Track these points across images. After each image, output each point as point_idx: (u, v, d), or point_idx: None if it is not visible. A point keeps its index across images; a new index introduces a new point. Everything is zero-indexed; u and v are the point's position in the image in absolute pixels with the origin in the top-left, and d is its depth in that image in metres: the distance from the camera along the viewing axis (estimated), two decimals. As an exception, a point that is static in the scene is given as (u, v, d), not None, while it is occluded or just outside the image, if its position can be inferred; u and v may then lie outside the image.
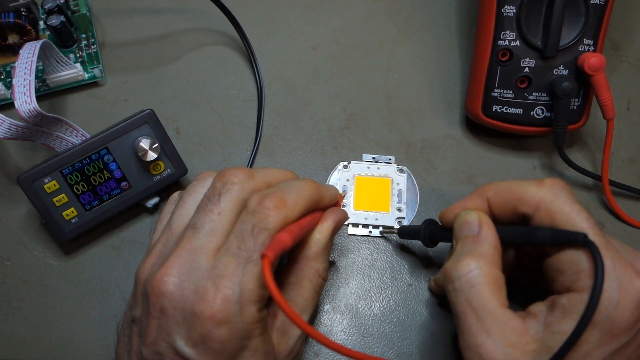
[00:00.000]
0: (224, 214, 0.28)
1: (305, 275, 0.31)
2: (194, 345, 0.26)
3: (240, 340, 0.26)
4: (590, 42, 0.37)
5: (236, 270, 0.26)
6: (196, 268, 0.27)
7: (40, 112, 0.34)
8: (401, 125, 0.42)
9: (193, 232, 0.28)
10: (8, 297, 0.37)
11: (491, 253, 0.29)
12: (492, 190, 0.31)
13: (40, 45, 0.36)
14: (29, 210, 0.39)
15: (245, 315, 0.26)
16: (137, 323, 0.29)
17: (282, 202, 0.28)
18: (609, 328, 0.26)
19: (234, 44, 0.44)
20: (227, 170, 0.29)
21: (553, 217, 0.28)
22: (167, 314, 0.27)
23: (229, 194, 0.28)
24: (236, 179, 0.29)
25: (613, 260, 0.27)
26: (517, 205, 0.30)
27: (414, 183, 0.40)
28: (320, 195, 0.31)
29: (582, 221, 0.28)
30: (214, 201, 0.28)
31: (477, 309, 0.28)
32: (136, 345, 0.28)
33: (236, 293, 0.26)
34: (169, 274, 0.27)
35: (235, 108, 0.42)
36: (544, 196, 0.29)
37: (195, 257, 0.27)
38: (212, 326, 0.26)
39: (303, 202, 0.29)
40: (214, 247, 0.27)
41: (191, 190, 0.31)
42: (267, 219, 0.27)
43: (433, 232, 0.34)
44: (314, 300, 0.31)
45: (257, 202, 0.27)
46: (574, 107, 0.38)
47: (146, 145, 0.36)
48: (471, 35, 0.44)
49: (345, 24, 0.45)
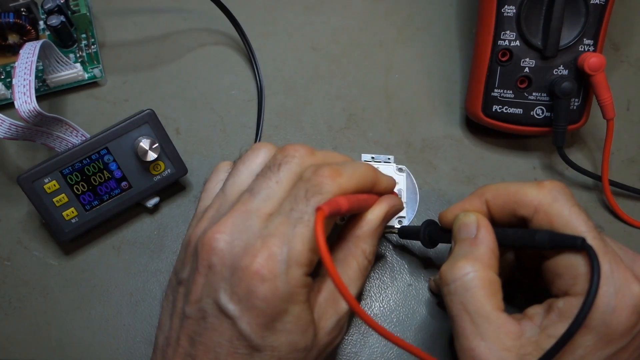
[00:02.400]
0: (282, 183, 0.28)
1: (352, 253, 0.31)
2: (238, 302, 0.26)
3: (283, 302, 0.26)
4: (590, 42, 0.37)
5: (286, 230, 0.26)
6: (248, 228, 0.27)
7: (40, 112, 0.34)
8: (401, 125, 0.42)
9: (249, 195, 0.28)
10: (8, 297, 0.37)
11: (487, 256, 0.29)
12: (490, 192, 0.31)
13: (40, 45, 0.36)
14: (29, 210, 0.39)
15: (290, 276, 0.26)
16: (183, 284, 0.29)
17: (337, 172, 0.28)
18: (605, 332, 0.26)
19: (234, 44, 0.44)
20: (289, 145, 0.30)
21: (552, 221, 0.28)
22: (215, 270, 0.27)
23: (289, 166, 0.29)
24: (297, 153, 0.29)
25: (611, 265, 0.27)
26: (516, 207, 0.30)
27: (414, 182, 0.40)
28: (377, 179, 0.31)
29: (580, 225, 0.28)
30: (274, 170, 0.29)
31: (471, 312, 0.28)
32: (180, 306, 0.29)
33: (284, 252, 0.26)
34: (222, 231, 0.27)
35: (235, 108, 0.42)
36: (542, 199, 0.29)
37: (248, 218, 0.27)
38: (257, 281, 0.26)
39: (358, 177, 0.29)
40: (268, 211, 0.28)
41: (245, 159, 0.31)
42: (321, 185, 0.27)
43: (433, 233, 0.34)
44: (358, 281, 0.31)
45: (313, 172, 0.28)
46: (574, 107, 0.38)
47: (146, 145, 0.36)
48: (471, 35, 0.44)
49: (345, 24, 0.45)
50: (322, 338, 0.29)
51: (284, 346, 0.27)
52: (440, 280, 0.30)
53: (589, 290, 0.25)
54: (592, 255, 0.26)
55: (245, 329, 0.26)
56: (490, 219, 0.31)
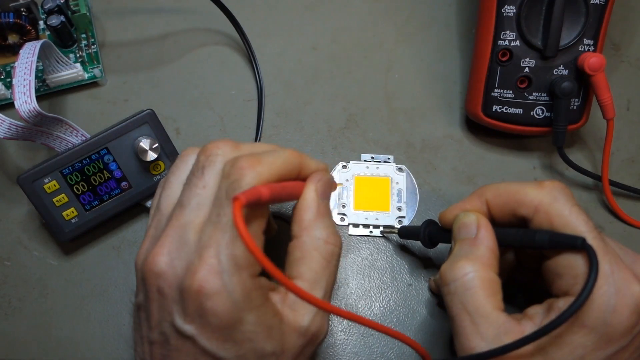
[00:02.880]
0: (209, 186, 0.27)
1: (310, 246, 0.29)
2: (192, 321, 0.26)
3: (235, 312, 0.25)
4: (590, 42, 0.37)
5: (219, 238, 0.25)
6: (185, 244, 0.26)
7: (40, 112, 0.34)
8: (401, 125, 0.42)
9: (180, 209, 0.27)
10: (8, 297, 0.37)
11: (487, 256, 0.29)
12: (491, 192, 0.31)
13: (40, 45, 0.36)
14: (29, 210, 0.39)
15: (234, 284, 0.25)
16: (142, 309, 0.29)
17: (256, 161, 0.27)
18: (605, 332, 0.26)
19: (234, 44, 0.44)
20: (210, 143, 0.29)
21: (552, 220, 0.28)
22: (164, 293, 0.26)
23: (212, 166, 0.28)
24: (219, 150, 0.28)
25: (611, 265, 0.27)
26: (516, 207, 0.30)
27: (414, 182, 0.40)
28: (302, 163, 0.29)
29: (580, 225, 0.28)
30: (198, 175, 0.28)
31: (471, 312, 0.28)
32: (145, 331, 0.28)
33: (222, 261, 0.25)
34: (160, 253, 0.27)
35: (235, 108, 0.42)
36: (543, 199, 0.29)
37: (184, 233, 0.27)
38: (203, 299, 0.25)
39: (280, 163, 0.28)
40: (202, 221, 0.27)
41: (174, 169, 0.30)
42: (241, 178, 0.26)
43: (433, 233, 0.34)
44: (326, 271, 0.29)
45: (231, 165, 0.27)
46: (574, 107, 0.38)
47: (146, 145, 0.36)
48: (471, 35, 0.44)
49: (345, 24, 0.45)
50: (295, 341, 0.28)
51: (250, 353, 0.26)
52: (440, 280, 0.30)
53: (585, 286, 0.25)
54: (592, 254, 0.26)
55: (207, 346, 0.26)
56: (490, 219, 0.31)
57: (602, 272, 0.26)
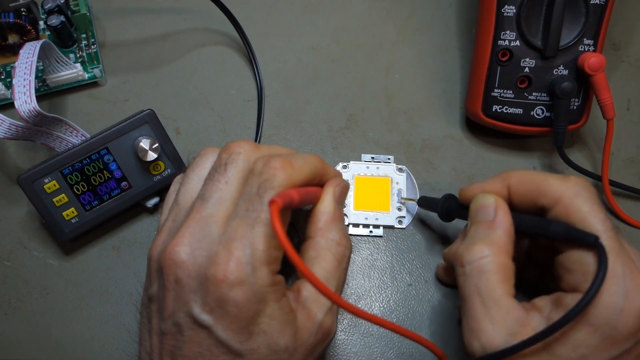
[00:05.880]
0: (231, 182, 0.28)
1: (323, 246, 0.30)
2: (210, 311, 0.26)
3: (254, 304, 0.26)
4: (590, 42, 0.37)
5: (246, 232, 0.26)
6: (207, 236, 0.27)
7: (40, 112, 0.34)
8: (401, 125, 0.42)
9: (201, 202, 0.28)
10: (8, 297, 0.37)
11: (504, 240, 0.29)
12: (515, 178, 0.31)
13: (40, 45, 0.36)
14: (29, 210, 0.39)
15: (258, 277, 0.26)
16: (154, 300, 0.29)
17: (288, 164, 0.28)
18: (610, 334, 0.26)
19: (234, 44, 0.44)
20: (232, 142, 0.30)
21: (570, 214, 0.28)
22: (182, 283, 0.27)
23: (235, 164, 0.29)
24: (242, 149, 0.29)
25: (623, 267, 0.27)
26: (538, 196, 0.30)
27: (414, 182, 0.40)
28: (325, 169, 0.31)
29: (597, 223, 0.28)
30: (221, 171, 0.29)
31: (483, 295, 0.28)
32: (155, 323, 0.29)
33: (247, 254, 0.26)
34: (181, 243, 0.27)
35: (235, 108, 0.42)
36: (565, 192, 0.29)
37: (206, 225, 0.27)
38: (226, 289, 0.26)
39: (308, 168, 0.29)
40: (224, 215, 0.28)
41: (194, 166, 0.31)
42: (273, 178, 0.27)
43: (451, 208, 0.35)
44: (337, 271, 0.30)
45: (263, 164, 0.28)
46: (574, 107, 0.38)
47: (146, 145, 0.36)
48: (471, 35, 0.44)
49: (345, 24, 0.45)
50: (307, 338, 0.28)
51: (263, 347, 0.27)
52: (456, 261, 0.30)
53: (592, 283, 0.25)
54: (602, 253, 0.26)
55: (223, 336, 0.26)
56: (508, 204, 0.31)
57: (612, 273, 0.26)
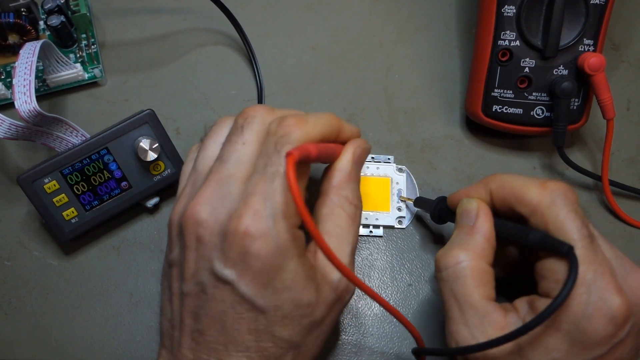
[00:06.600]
0: (248, 143, 0.29)
1: (337, 204, 0.30)
2: (233, 266, 0.26)
3: (277, 257, 0.26)
4: (590, 42, 0.37)
5: (265, 186, 0.26)
6: (227, 194, 0.27)
7: (40, 112, 0.34)
8: (401, 125, 0.42)
9: (220, 163, 0.28)
10: (8, 297, 0.37)
11: (482, 246, 0.29)
12: (495, 183, 0.31)
13: (40, 45, 0.36)
14: (29, 210, 0.39)
15: (279, 230, 0.26)
16: (174, 265, 0.29)
17: (302, 120, 0.28)
18: (580, 339, 0.26)
19: (234, 44, 0.44)
20: (247, 107, 0.30)
21: (547, 223, 0.28)
22: (204, 241, 0.27)
23: (251, 126, 0.29)
24: (257, 112, 0.30)
25: (595, 274, 0.27)
26: (516, 204, 0.30)
27: (414, 182, 0.40)
28: (341, 127, 0.31)
29: (573, 231, 0.28)
30: (238, 134, 0.29)
31: (459, 300, 0.28)
32: (177, 287, 0.29)
33: (268, 207, 0.26)
34: (202, 202, 0.27)
35: (235, 108, 0.42)
36: (542, 200, 0.29)
37: (226, 185, 0.28)
38: (248, 241, 0.26)
39: (323, 124, 0.29)
40: (243, 175, 0.28)
41: (211, 133, 0.31)
42: (289, 134, 0.27)
43: (443, 211, 0.35)
44: (351, 228, 0.30)
45: (278, 123, 0.28)
46: (574, 107, 0.38)
47: (146, 145, 0.36)
48: (471, 35, 0.44)
49: (345, 24, 0.45)
50: (327, 294, 0.29)
51: (287, 303, 0.27)
52: (435, 265, 0.30)
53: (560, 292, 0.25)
54: (573, 262, 0.26)
55: (246, 291, 0.26)
56: (492, 209, 0.31)
57: (582, 280, 0.27)
